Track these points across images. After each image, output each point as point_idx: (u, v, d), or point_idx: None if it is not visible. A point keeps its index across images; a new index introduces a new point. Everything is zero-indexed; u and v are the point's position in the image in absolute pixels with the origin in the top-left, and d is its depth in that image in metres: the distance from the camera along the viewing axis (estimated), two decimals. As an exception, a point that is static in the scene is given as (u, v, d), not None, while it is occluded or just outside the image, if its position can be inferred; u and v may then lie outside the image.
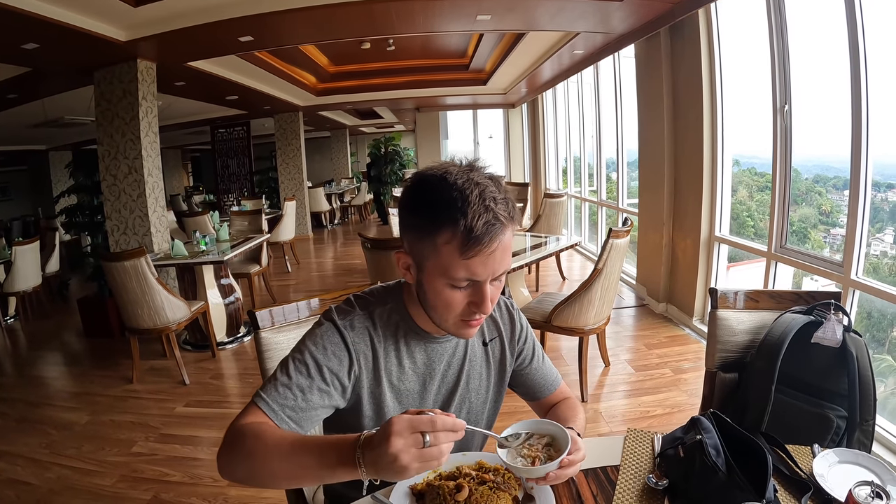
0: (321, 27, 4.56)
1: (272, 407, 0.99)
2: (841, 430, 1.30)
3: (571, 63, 6.52)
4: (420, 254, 0.99)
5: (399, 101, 10.03)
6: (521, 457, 1.01)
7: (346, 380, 1.07)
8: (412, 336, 1.13)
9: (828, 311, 1.39)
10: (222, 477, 0.96)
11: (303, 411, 1.01)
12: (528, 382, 1.30)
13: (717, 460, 0.98)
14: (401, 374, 1.13)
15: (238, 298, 4.78)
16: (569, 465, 0.98)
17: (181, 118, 9.36)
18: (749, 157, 4.36)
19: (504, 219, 0.94)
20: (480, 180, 0.95)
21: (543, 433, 1.06)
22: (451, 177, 0.94)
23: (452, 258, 0.94)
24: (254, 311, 1.41)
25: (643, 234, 5.14)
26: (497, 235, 0.93)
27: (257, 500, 2.52)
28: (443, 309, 1.02)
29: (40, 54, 4.19)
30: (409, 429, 0.77)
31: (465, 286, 0.98)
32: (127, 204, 4.86)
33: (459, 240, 0.92)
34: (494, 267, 0.96)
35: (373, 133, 17.71)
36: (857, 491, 0.74)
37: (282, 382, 1.01)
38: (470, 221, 0.90)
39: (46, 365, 4.69)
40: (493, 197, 0.93)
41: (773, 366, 1.35)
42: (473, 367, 1.21)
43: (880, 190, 3.03)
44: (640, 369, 3.69)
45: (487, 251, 0.93)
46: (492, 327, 1.25)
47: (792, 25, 3.25)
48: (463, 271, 0.95)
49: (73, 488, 2.65)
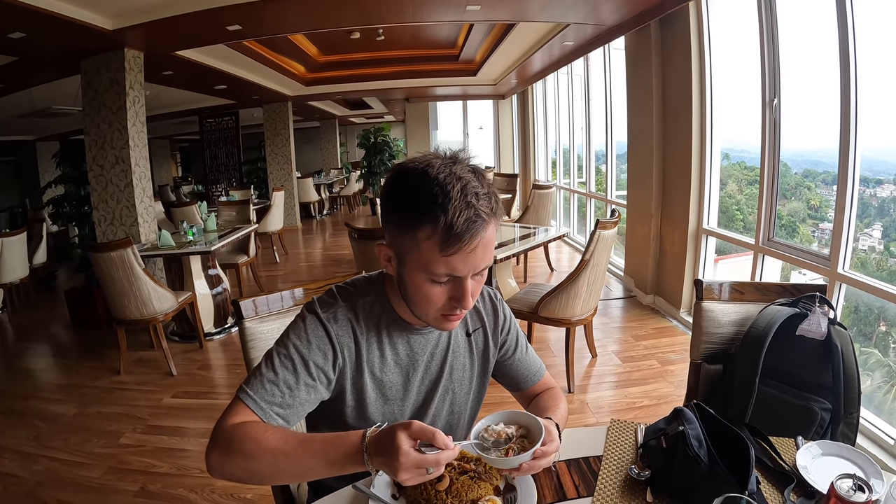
0: (310, 16, 4.52)
1: (260, 405, 0.98)
2: (825, 423, 1.31)
3: (562, 54, 6.50)
4: (401, 247, 0.98)
5: (389, 92, 9.97)
6: (496, 448, 1.02)
7: (332, 373, 1.07)
8: (394, 327, 1.12)
9: (813, 304, 1.40)
10: (213, 476, 0.95)
11: (290, 407, 1.01)
12: (512, 373, 1.30)
13: (700, 451, 0.99)
14: (383, 365, 1.12)
15: (226, 289, 4.76)
16: (542, 455, 0.98)
17: (169, 108, 9.24)
18: (739, 150, 4.38)
19: (486, 215, 0.92)
20: (463, 174, 0.93)
21: (519, 424, 1.07)
22: (432, 170, 0.92)
23: (433, 254, 0.92)
24: (238, 301, 1.41)
25: (631, 226, 5.16)
26: (478, 232, 0.92)
27: (244, 490, 2.52)
28: (423, 303, 1.01)
29: (26, 43, 4.12)
30: (415, 466, 0.82)
31: (445, 281, 0.97)
32: (114, 194, 4.81)
33: (440, 236, 0.90)
34: (476, 263, 0.95)
35: (362, 124, 17.59)
36: (839, 484, 0.75)
37: (268, 379, 1.00)
38: (451, 218, 0.89)
39: (33, 357, 4.65)
40: (476, 192, 0.92)
41: (757, 357, 1.36)
42: (457, 358, 1.21)
43: (869, 185, 3.05)
44: (627, 360, 3.72)
45: (468, 248, 0.92)
46: (475, 318, 1.24)
47: (782, 19, 3.26)
48: (443, 267, 0.94)
49: (60, 480, 2.64)
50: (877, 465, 1.04)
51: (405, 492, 1.05)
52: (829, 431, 1.32)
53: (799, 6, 3.25)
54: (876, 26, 2.67)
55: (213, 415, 3.27)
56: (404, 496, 1.04)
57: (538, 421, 1.03)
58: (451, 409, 1.24)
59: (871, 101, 2.71)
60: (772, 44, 3.31)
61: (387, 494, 1.04)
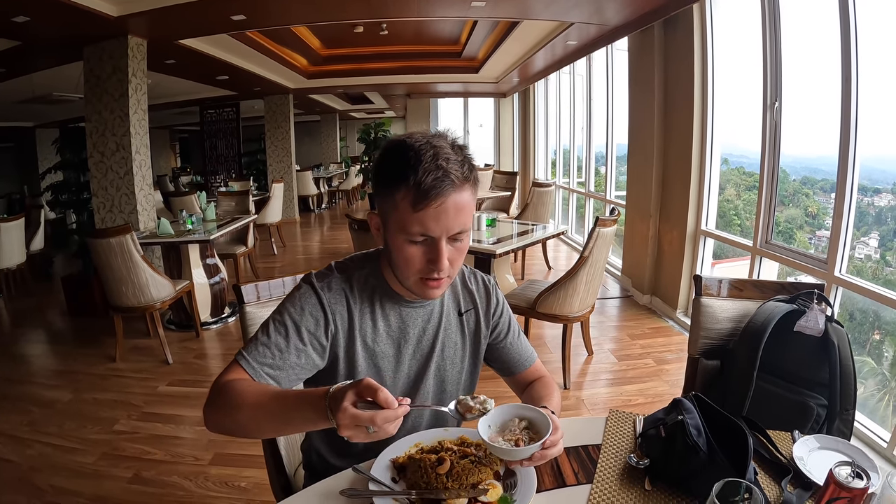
0: (316, 8, 4.52)
1: (252, 365, 1.05)
2: (821, 419, 1.33)
3: (565, 54, 6.51)
4: (384, 212, 1.06)
5: (390, 87, 9.96)
6: (504, 440, 1.03)
7: (324, 339, 1.12)
8: (387, 299, 1.17)
9: (811, 301, 1.41)
10: (208, 429, 1.02)
11: (280, 369, 1.07)
12: (504, 357, 1.34)
13: (699, 440, 1.00)
14: (375, 335, 1.16)
15: (223, 279, 4.75)
16: (551, 445, 1.00)
17: (170, 97, 9.22)
18: (738, 156, 4.39)
19: (455, 178, 0.99)
20: (438, 143, 1.01)
21: (522, 417, 1.08)
22: (411, 140, 1.02)
23: (407, 213, 1.00)
24: (239, 286, 1.44)
25: (630, 225, 5.18)
26: (446, 191, 0.98)
27: (238, 478, 2.52)
28: (403, 265, 1.06)
29: (30, 27, 4.10)
30: (353, 423, 0.83)
31: (421, 241, 1.03)
32: (114, 181, 4.80)
33: (412, 194, 0.98)
34: (448, 224, 1.01)
35: (363, 118, 17.57)
36: (837, 470, 0.76)
37: (261, 342, 1.07)
38: (420, 177, 0.97)
39: (29, 343, 4.63)
40: (447, 157, 0.99)
41: (755, 351, 1.37)
42: (448, 336, 1.25)
43: (867, 194, 3.06)
44: (623, 359, 3.73)
45: (435, 205, 0.98)
46: (467, 299, 1.28)
47: (785, 25, 3.26)
48: (417, 226, 1.00)
49: (53, 466, 2.63)
50: (872, 460, 1.04)
51: (405, 475, 1.06)
52: (825, 428, 1.33)
53: (802, 9, 3.25)
54: (878, 35, 2.68)
55: (208, 404, 3.26)
56: (404, 479, 1.05)
57: (542, 413, 1.05)
58: (443, 387, 1.27)
59: (871, 109, 2.72)
60: (774, 47, 3.32)
61: (387, 478, 1.05)
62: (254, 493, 2.43)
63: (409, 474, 1.04)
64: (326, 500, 1.01)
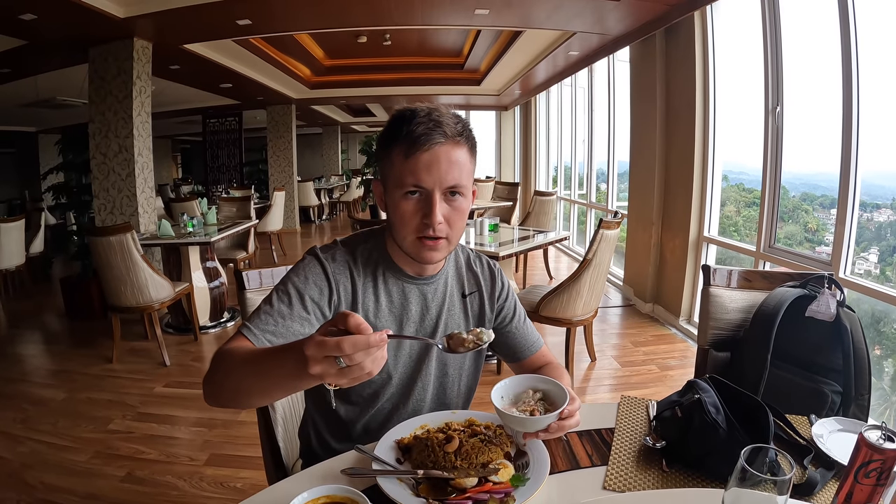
0: (320, 14, 4.54)
1: (254, 332, 1.01)
2: (836, 406, 1.30)
3: (566, 65, 6.55)
4: (384, 172, 1.09)
5: (392, 98, 9.99)
6: (518, 411, 1.00)
7: (327, 309, 1.10)
8: (390, 274, 1.17)
9: (821, 286, 1.39)
10: (207, 403, 0.96)
11: (283, 336, 1.03)
12: (509, 341, 1.32)
13: (717, 417, 0.97)
14: (377, 309, 1.15)
15: (223, 283, 4.71)
16: (569, 416, 0.98)
17: (173, 105, 9.25)
18: (737, 172, 4.39)
19: (447, 130, 1.02)
20: (436, 107, 1.05)
21: (536, 388, 1.05)
22: (411, 105, 1.05)
23: (401, 163, 1.03)
24: (241, 271, 1.44)
25: (632, 234, 5.16)
26: (435, 139, 1.01)
27: (234, 479, 2.47)
28: (399, 224, 1.07)
29: (37, 26, 4.12)
30: (320, 353, 0.71)
31: (415, 194, 1.04)
32: (115, 183, 4.78)
33: (404, 145, 1.02)
34: (440, 176, 1.02)
35: (364, 132, 17.67)
36: (868, 434, 0.73)
37: (264, 311, 1.05)
38: (412, 127, 1.01)
39: (25, 343, 4.58)
40: (440, 114, 1.03)
41: (768, 333, 1.34)
42: (451, 317, 1.23)
43: (866, 210, 3.05)
44: (626, 365, 3.69)
45: (425, 151, 1.01)
46: (472, 281, 1.28)
47: (786, 29, 3.28)
48: (410, 177, 1.02)
49: (45, 463, 2.59)
50: None
51: (410, 456, 1.02)
52: (840, 414, 1.30)
53: (803, 17, 3.27)
54: (880, 51, 2.70)
55: (205, 405, 3.17)
56: (409, 461, 1.01)
57: (558, 384, 1.04)
58: (445, 370, 1.25)
59: (871, 126, 2.74)
60: (775, 51, 3.33)
61: (391, 458, 1.01)
62: (250, 495, 2.37)
63: (415, 454, 1.00)
64: (327, 481, 0.95)
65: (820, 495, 0.91)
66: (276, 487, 0.99)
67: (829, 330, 1.35)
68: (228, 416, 3.04)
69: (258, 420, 1.41)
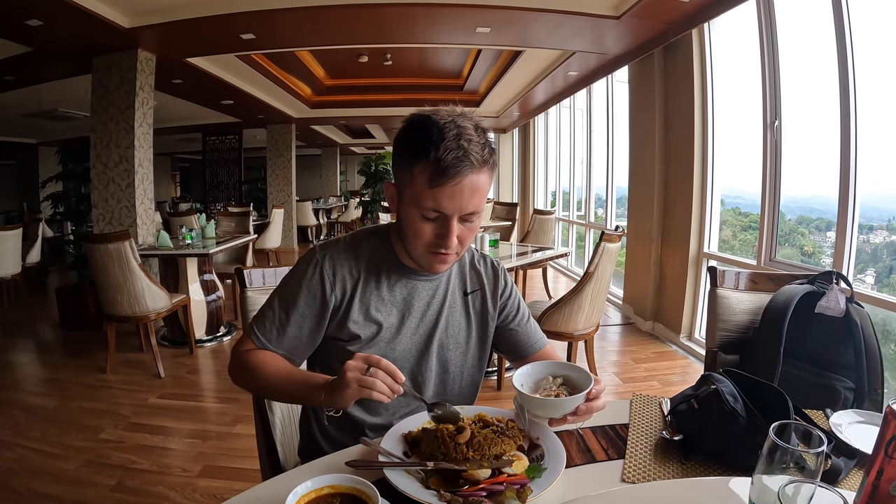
0: (323, 30, 4.59)
1: (262, 340, 1.15)
2: (849, 402, 1.28)
3: (565, 85, 6.62)
4: (401, 182, 1.07)
5: (392, 119, 10.07)
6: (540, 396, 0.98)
7: (325, 310, 1.15)
8: (394, 270, 1.18)
9: (829, 282, 1.38)
10: (234, 383, 1.18)
11: (282, 342, 1.16)
12: (513, 339, 1.29)
13: (736, 406, 0.95)
14: (379, 304, 1.16)
15: (220, 297, 4.68)
16: (596, 396, 0.97)
17: (174, 121, 9.28)
18: (734, 196, 4.42)
19: (475, 160, 0.99)
20: (463, 123, 1.01)
21: (556, 374, 1.03)
22: (437, 116, 1.02)
23: (423, 187, 1.01)
24: (241, 269, 1.46)
25: (631, 251, 5.16)
26: (464, 171, 0.99)
27: (228, 491, 2.40)
28: (412, 237, 1.08)
29: (43, 33, 4.13)
30: (360, 358, 0.95)
31: (433, 218, 1.04)
32: (115, 193, 4.76)
33: (430, 170, 0.99)
34: (462, 204, 1.01)
35: (363, 153, 17.79)
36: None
37: (268, 318, 1.16)
38: (441, 153, 0.97)
39: (18, 351, 4.52)
40: (469, 138, 1.00)
41: (780, 328, 1.33)
42: (453, 314, 1.23)
43: (862, 231, 3.07)
44: (628, 381, 3.66)
45: (452, 184, 0.99)
46: (474, 280, 1.27)
47: (783, 45, 3.33)
48: (431, 201, 1.01)
49: (33, 469, 2.53)
50: None
51: (418, 449, 0.98)
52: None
53: (799, 31, 3.32)
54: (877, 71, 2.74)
55: (199, 417, 3.19)
56: (417, 455, 0.97)
57: (579, 368, 1.03)
58: (446, 367, 1.24)
59: (867, 148, 2.77)
60: (773, 69, 3.38)
61: (398, 451, 0.98)
62: (244, 506, 2.31)
63: (424, 447, 0.96)
64: (331, 472, 0.91)
65: (844, 483, 0.89)
66: (277, 479, 0.95)
67: (839, 326, 1.34)
68: (223, 428, 2.99)
69: (255, 421, 1.38)
